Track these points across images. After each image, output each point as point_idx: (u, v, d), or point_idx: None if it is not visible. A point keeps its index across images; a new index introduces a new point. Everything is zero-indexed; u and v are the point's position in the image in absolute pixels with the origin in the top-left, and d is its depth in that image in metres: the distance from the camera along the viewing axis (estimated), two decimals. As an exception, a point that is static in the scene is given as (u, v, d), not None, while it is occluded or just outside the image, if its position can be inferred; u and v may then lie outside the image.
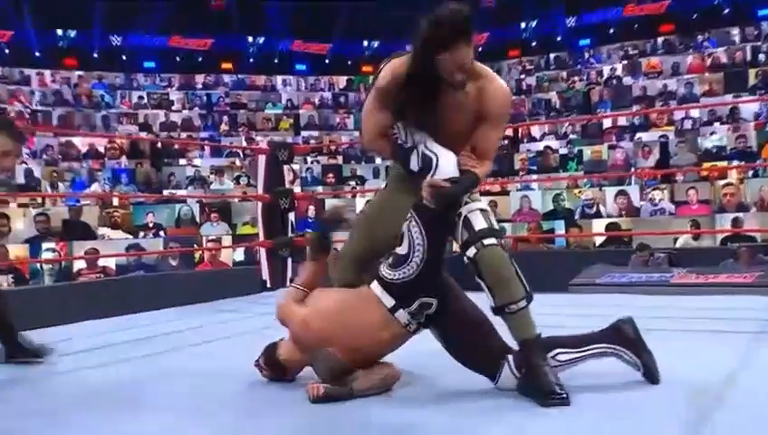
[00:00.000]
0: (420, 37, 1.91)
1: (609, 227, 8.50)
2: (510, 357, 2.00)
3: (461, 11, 1.89)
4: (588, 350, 2.02)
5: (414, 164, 2.01)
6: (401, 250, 1.99)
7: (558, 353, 1.99)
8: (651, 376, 2.02)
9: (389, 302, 2.01)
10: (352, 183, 10.85)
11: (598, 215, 8.84)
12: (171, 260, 8.31)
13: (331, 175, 11.04)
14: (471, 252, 1.98)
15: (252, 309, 4.12)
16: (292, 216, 5.21)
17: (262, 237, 5.09)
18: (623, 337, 2.03)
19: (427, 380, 2.20)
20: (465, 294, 2.10)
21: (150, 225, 8.80)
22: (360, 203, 9.34)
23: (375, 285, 2.03)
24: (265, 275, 5.01)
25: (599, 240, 8.67)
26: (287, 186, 5.26)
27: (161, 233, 8.79)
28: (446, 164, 1.97)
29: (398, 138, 2.06)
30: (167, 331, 3.41)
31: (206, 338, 3.19)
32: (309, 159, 11.85)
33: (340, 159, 12.09)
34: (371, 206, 2.27)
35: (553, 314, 2.05)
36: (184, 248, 8.22)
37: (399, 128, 2.05)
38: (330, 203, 8.86)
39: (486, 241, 1.97)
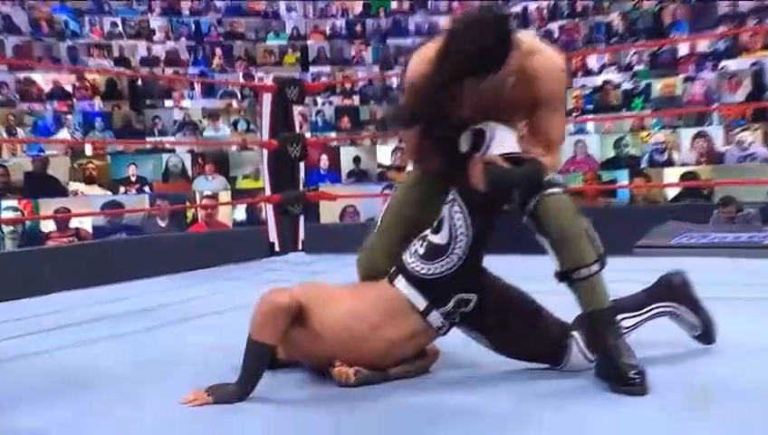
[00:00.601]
0: (463, 60, 1.85)
1: (684, 177, 8.39)
2: (576, 335, 2.01)
3: (505, 20, 1.87)
4: (647, 311, 2.10)
5: (464, 143, 1.96)
6: (439, 239, 1.96)
7: (622, 319, 2.02)
8: (708, 336, 2.13)
9: (421, 303, 1.99)
10: (372, 128, 10.77)
11: (670, 162, 8.70)
12: (159, 221, 8.34)
13: (345, 118, 10.96)
14: (531, 204, 1.95)
15: (258, 277, 4.14)
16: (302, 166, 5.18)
17: (268, 192, 5.08)
18: (677, 293, 2.12)
19: (469, 359, 2.20)
20: (499, 278, 2.10)
21: (132, 179, 8.83)
22: (381, 152, 9.28)
23: (402, 284, 2.00)
24: (273, 236, 5.02)
25: (671, 193, 8.55)
26: (297, 131, 5.21)
27: (146, 188, 8.81)
28: (504, 136, 1.93)
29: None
30: (159, 303, 3.44)
31: (207, 310, 3.21)
32: (319, 100, 11.76)
33: (356, 100, 11.99)
34: (404, 188, 2.23)
35: (615, 281, 2.06)
36: (174, 206, 8.23)
37: None
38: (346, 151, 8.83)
39: (549, 190, 1.94)
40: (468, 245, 1.94)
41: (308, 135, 9.08)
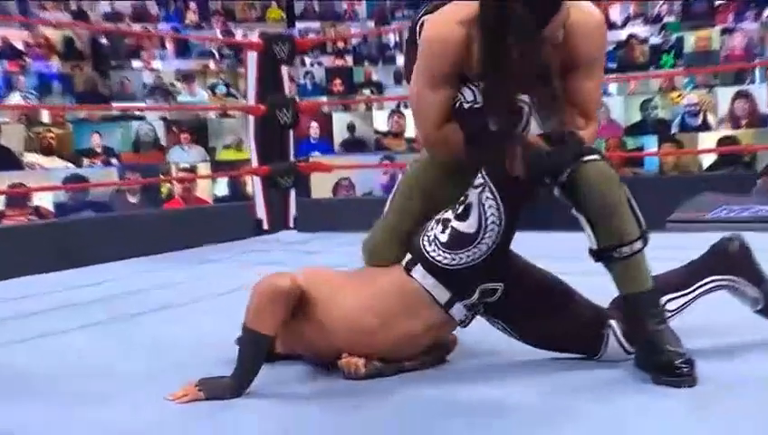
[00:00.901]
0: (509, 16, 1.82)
1: (722, 142, 8.36)
2: (614, 324, 2.02)
3: None
4: (698, 288, 2.09)
5: (497, 121, 1.95)
6: (465, 227, 1.95)
7: (666, 302, 2.03)
8: None
9: (443, 295, 2.00)
10: (366, 91, 10.71)
11: (706, 126, 8.68)
12: (129, 196, 8.30)
13: (338, 81, 10.89)
14: (565, 173, 1.93)
15: (245, 258, 4.16)
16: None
17: (255, 163, 5.06)
18: (734, 263, 2.09)
19: (490, 348, 2.22)
20: (525, 259, 2.11)
21: (98, 149, 8.77)
22: (378, 118, 9.25)
23: (421, 273, 2.00)
24: (260, 212, 5.02)
25: (707, 161, 8.54)
26: (287, 94, 5.19)
27: (113, 160, 8.76)
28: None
29: (462, 103, 2.00)
30: (134, 288, 3.45)
31: (190, 297, 3.22)
32: (308, 61, 11.69)
33: (349, 60, 11.91)
34: (422, 163, 2.21)
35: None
36: (146, 180, 8.20)
37: (464, 91, 2.00)
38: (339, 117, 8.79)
39: (587, 157, 1.92)
40: (499, 234, 1.94)
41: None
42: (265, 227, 5.07)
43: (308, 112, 8.08)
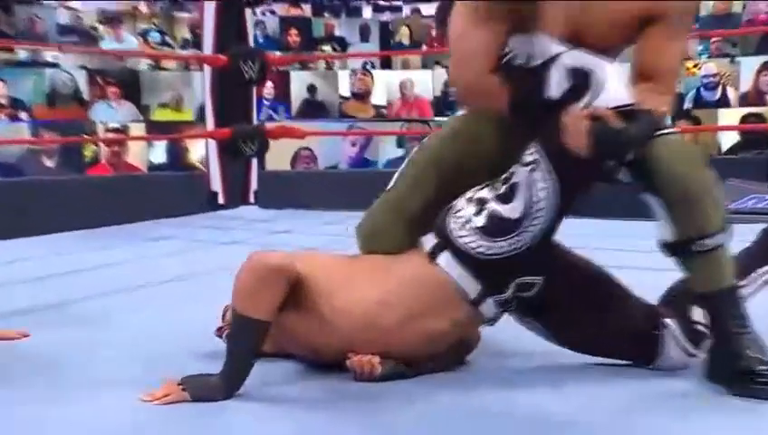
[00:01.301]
0: None
1: (746, 120, 8.44)
2: (671, 323, 2.03)
3: None
4: (758, 278, 2.10)
5: (555, 87, 1.88)
6: (508, 211, 1.92)
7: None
8: None
9: (473, 289, 1.98)
10: (327, 48, 10.62)
11: (725, 101, 8.76)
12: (45, 159, 8.15)
13: (293, 32, 10.80)
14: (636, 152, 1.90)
15: (204, 236, 4.17)
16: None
17: (211, 125, 4.97)
18: None
19: (516, 346, 2.23)
20: (569, 249, 2.10)
21: (2, 101, 8.60)
22: (341, 79, 9.15)
23: (449, 262, 1.97)
24: (216, 184, 4.93)
25: (727, 141, 8.62)
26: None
27: (23, 115, 8.60)
28: (614, 82, 1.86)
29: (514, 58, 1.94)
30: (63, 269, 3.38)
31: (137, 280, 3.17)
32: (258, 10, 11.58)
33: (307, 9, 11.82)
34: (444, 140, 2.17)
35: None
36: (65, 138, 8.06)
37: (517, 44, 1.94)
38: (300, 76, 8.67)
39: (663, 132, 1.90)
40: (548, 222, 1.91)
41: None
42: (221, 201, 5.00)
43: (280, 65, 7.74)
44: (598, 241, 2.09)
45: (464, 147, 2.08)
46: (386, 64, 9.44)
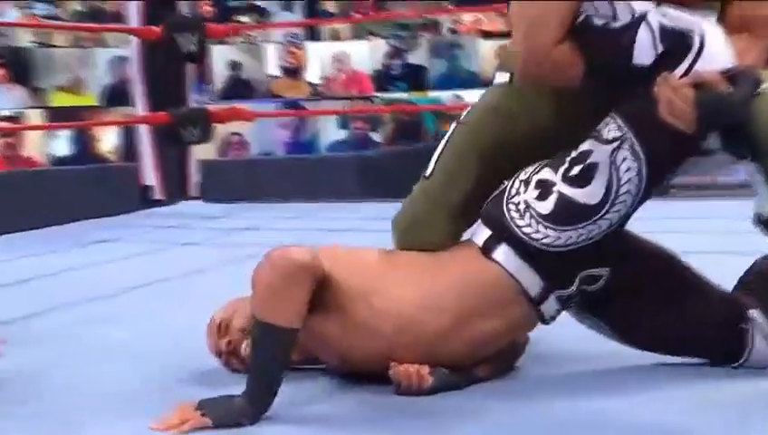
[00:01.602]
0: None
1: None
2: (756, 315, 1.99)
3: None
4: None
5: (645, 52, 1.82)
6: (585, 196, 1.89)
7: None
8: None
9: (536, 285, 1.95)
10: (244, 18, 10.55)
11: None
12: None
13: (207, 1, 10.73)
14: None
15: (150, 236, 4.17)
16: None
17: (142, 110, 4.91)
18: None
19: (568, 350, 2.25)
20: (636, 234, 2.08)
21: None
22: (268, 54, 9.01)
23: (507, 256, 1.94)
24: (150, 177, 4.86)
25: None
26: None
27: None
28: (715, 43, 1.81)
29: (592, 18, 1.90)
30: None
31: (104, 291, 3.15)
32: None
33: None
34: (487, 116, 2.12)
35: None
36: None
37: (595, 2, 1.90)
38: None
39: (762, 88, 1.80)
40: (631, 207, 1.89)
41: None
42: (157, 196, 4.92)
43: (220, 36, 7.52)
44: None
45: (507, 123, 2.04)
46: (313, 36, 9.33)
